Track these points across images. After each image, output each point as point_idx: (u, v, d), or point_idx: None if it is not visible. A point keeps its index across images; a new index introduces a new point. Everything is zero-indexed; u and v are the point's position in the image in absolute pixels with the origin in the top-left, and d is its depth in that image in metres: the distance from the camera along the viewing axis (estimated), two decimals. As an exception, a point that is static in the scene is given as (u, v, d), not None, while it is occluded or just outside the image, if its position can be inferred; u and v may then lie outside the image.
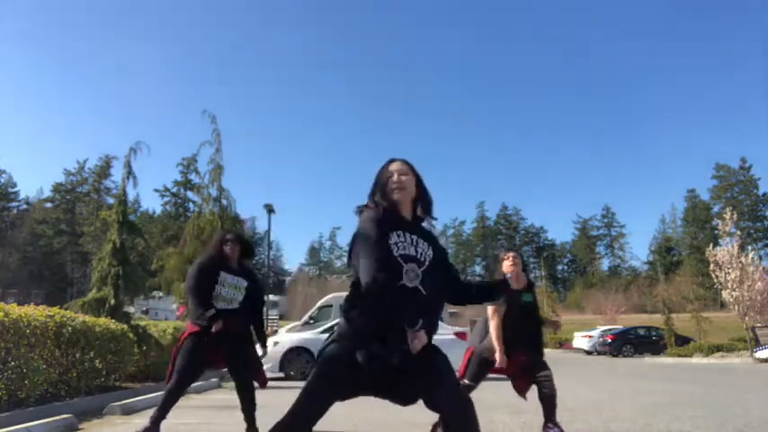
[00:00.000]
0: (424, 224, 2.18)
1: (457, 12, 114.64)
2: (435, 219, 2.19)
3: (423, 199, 2.16)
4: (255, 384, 4.06)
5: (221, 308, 3.93)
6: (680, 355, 20.45)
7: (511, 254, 4.06)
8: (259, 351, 4.11)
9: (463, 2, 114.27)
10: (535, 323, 3.99)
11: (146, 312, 31.35)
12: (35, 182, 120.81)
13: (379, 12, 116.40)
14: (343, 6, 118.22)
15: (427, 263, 2.00)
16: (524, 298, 3.94)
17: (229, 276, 4.02)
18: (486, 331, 3.99)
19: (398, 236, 2.00)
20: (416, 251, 2.00)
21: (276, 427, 1.95)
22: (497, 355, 3.84)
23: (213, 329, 3.79)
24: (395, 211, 2.08)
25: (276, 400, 3.17)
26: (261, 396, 4.10)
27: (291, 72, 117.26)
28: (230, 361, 4.00)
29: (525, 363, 3.90)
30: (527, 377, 3.95)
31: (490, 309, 3.92)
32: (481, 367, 3.99)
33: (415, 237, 2.03)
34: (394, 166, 2.14)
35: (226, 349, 3.94)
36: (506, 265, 4.01)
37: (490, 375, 4.28)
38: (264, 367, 4.25)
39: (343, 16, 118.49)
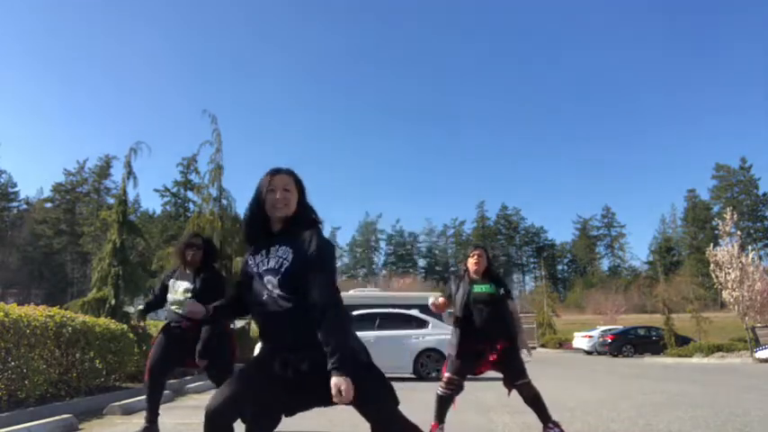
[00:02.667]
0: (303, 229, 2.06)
1: (458, 14, 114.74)
2: (320, 223, 2.13)
3: (299, 215, 2.07)
4: None
5: (180, 312, 4.00)
6: (680, 355, 20.44)
7: (476, 251, 4.22)
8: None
9: (464, 4, 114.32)
10: (495, 312, 4.00)
11: (146, 312, 31.27)
12: (35, 182, 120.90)
13: (381, 13, 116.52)
14: (345, 8, 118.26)
15: (283, 270, 1.95)
16: (475, 289, 4.05)
17: (178, 282, 4.12)
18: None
19: (260, 255, 2.04)
20: (275, 263, 1.98)
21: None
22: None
23: (136, 321, 4.22)
24: (264, 226, 2.08)
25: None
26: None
27: (292, 72, 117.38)
28: (197, 358, 4.02)
29: (499, 362, 3.92)
30: (508, 379, 3.97)
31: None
32: (461, 363, 3.98)
33: (276, 247, 2.00)
34: (278, 180, 2.05)
35: (187, 347, 3.98)
36: (470, 263, 4.19)
37: (490, 376, 4.28)
38: None
39: (345, 18, 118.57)
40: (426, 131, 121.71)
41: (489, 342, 3.93)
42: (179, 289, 4.08)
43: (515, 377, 3.89)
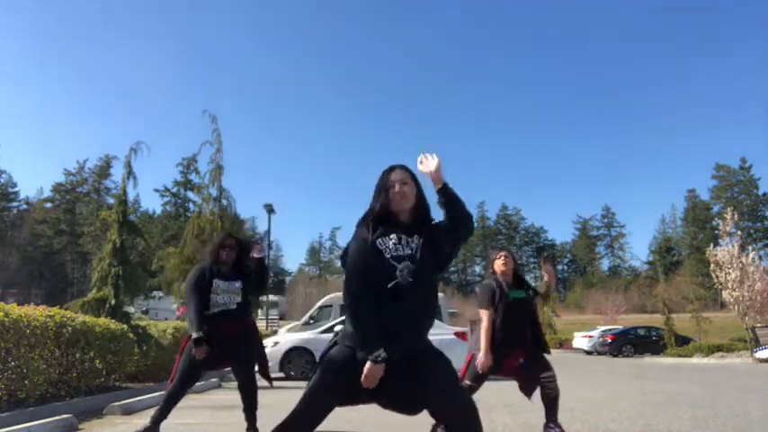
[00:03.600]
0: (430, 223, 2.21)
1: (459, 11, 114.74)
2: (433, 220, 2.22)
3: (421, 206, 2.19)
4: (259, 383, 4.08)
5: (218, 311, 3.97)
6: (680, 355, 20.44)
7: (503, 253, 4.11)
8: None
9: (465, 1, 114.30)
10: (528, 319, 3.99)
11: (146, 312, 31.27)
12: (35, 182, 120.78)
13: (381, 12, 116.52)
14: (344, 6, 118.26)
15: (419, 257, 2.05)
16: (513, 294, 3.95)
17: (222, 283, 4.03)
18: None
19: (391, 240, 2.07)
20: (411, 249, 2.06)
21: (278, 428, 1.96)
22: (481, 356, 3.83)
23: (196, 355, 3.82)
24: (392, 216, 2.14)
25: (277, 401, 3.17)
26: (262, 396, 4.10)
27: (293, 72, 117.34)
28: (232, 359, 4.02)
29: (525, 362, 3.92)
30: (532, 378, 3.95)
31: (482, 311, 3.96)
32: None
33: (408, 238, 2.09)
34: (395, 176, 2.17)
35: (227, 348, 3.94)
36: (498, 264, 4.06)
37: (490, 375, 4.28)
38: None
39: (344, 17, 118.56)
40: (426, 130, 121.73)
41: (516, 347, 3.92)
42: (227, 288, 4.03)
43: (541, 369, 3.88)
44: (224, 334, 3.92)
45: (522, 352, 3.93)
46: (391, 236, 2.08)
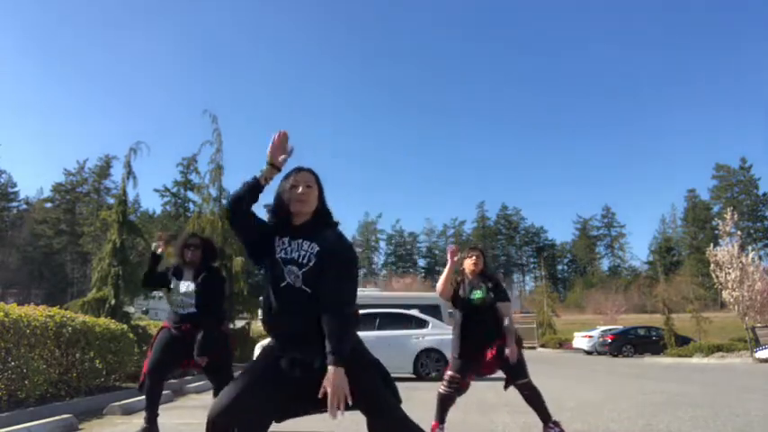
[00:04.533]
0: (326, 231, 2.13)
1: (458, 10, 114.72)
2: (336, 224, 2.18)
3: (321, 211, 2.15)
4: None
5: (181, 313, 4.04)
6: (680, 355, 20.43)
7: (475, 253, 4.21)
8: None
9: (465, 2, 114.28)
10: (490, 317, 4.02)
11: (146, 312, 31.25)
12: (35, 182, 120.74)
13: (381, 12, 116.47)
14: (350, 4, 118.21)
15: (311, 264, 2.00)
16: (473, 296, 4.04)
17: (180, 283, 4.11)
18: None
19: (283, 242, 2.06)
20: (298, 255, 2.02)
21: None
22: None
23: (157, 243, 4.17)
24: (288, 217, 2.12)
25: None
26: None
27: (292, 71, 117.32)
28: (204, 366, 4.00)
29: (497, 356, 3.95)
30: (508, 373, 4.01)
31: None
32: (463, 362, 4.01)
33: (300, 240, 2.05)
34: (300, 177, 2.14)
35: (187, 349, 3.94)
36: (468, 264, 4.17)
37: (490, 376, 4.28)
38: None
39: (344, 17, 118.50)
40: (426, 131, 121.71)
41: (485, 345, 3.96)
42: (181, 289, 4.08)
43: (515, 375, 3.91)
44: (180, 334, 3.98)
45: (490, 349, 3.96)
46: (285, 237, 2.07)
